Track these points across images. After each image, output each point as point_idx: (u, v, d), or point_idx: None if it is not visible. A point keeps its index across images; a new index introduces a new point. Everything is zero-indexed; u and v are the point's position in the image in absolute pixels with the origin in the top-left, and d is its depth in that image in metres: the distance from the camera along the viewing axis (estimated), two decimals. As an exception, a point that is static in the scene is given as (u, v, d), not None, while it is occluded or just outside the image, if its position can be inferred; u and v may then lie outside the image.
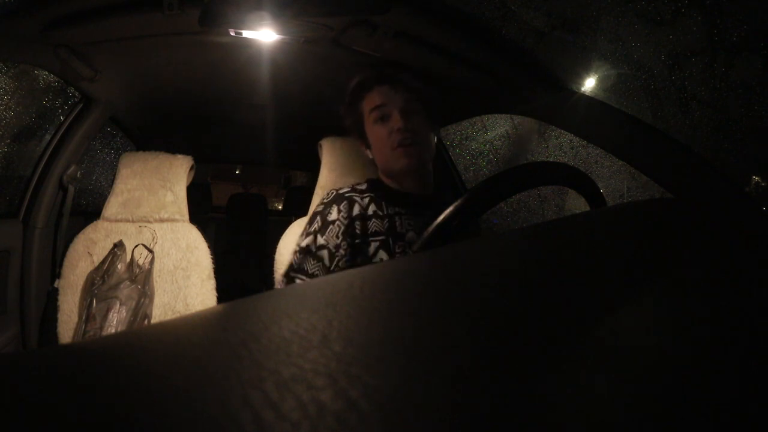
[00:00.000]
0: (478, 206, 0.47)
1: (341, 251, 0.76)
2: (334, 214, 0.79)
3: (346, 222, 0.78)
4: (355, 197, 0.82)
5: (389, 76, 0.82)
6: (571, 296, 0.19)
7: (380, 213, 0.81)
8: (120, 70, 1.07)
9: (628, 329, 0.16)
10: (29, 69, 1.18)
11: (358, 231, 0.78)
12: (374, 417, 0.11)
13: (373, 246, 0.77)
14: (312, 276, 0.76)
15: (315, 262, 0.76)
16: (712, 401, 0.12)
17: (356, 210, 0.80)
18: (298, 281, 0.76)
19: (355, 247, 0.77)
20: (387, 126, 0.80)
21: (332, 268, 0.76)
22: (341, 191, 0.83)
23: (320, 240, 0.77)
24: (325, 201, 0.83)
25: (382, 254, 0.76)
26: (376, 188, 0.85)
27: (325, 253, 0.76)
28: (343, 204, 0.80)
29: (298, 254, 0.79)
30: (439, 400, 0.11)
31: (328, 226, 0.78)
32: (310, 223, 0.81)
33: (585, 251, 0.26)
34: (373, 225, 0.79)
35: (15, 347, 1.08)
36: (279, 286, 0.80)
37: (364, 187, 0.86)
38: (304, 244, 0.79)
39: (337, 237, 0.77)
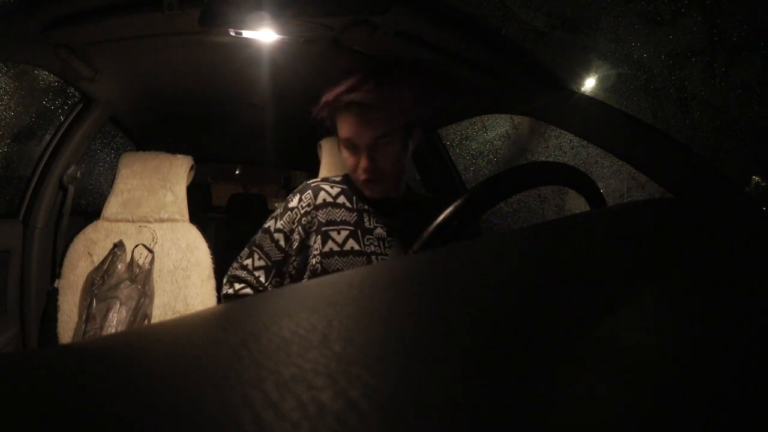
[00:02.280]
0: (478, 206, 0.47)
1: (294, 236, 0.81)
2: (294, 202, 0.83)
3: (303, 210, 0.81)
4: (323, 186, 0.85)
5: (358, 108, 0.76)
6: (571, 296, 0.19)
7: (349, 206, 0.83)
8: (120, 70, 1.07)
9: (628, 329, 0.16)
10: (29, 69, 1.18)
11: (321, 219, 0.80)
12: (374, 417, 0.11)
13: (342, 234, 0.79)
14: (266, 253, 0.81)
15: (270, 242, 0.81)
16: (712, 401, 0.12)
17: (321, 198, 0.82)
18: (255, 255, 0.82)
19: (318, 233, 0.79)
20: (354, 157, 0.79)
21: (286, 249, 0.81)
22: (310, 182, 0.86)
23: (279, 223, 0.82)
24: (295, 190, 0.86)
25: (352, 243, 0.79)
26: (349, 183, 0.87)
27: (281, 236, 0.81)
28: (306, 193, 0.83)
29: (260, 232, 0.84)
30: (439, 400, 0.11)
31: (287, 212, 0.83)
32: (280, 207, 0.86)
33: (585, 251, 0.26)
34: (342, 214, 0.82)
35: (15, 347, 1.08)
36: (242, 256, 0.83)
37: (339, 179, 0.88)
38: (266, 225, 0.84)
39: (293, 223, 0.81)
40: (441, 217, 0.47)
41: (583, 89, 0.93)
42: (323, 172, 1.14)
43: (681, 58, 0.94)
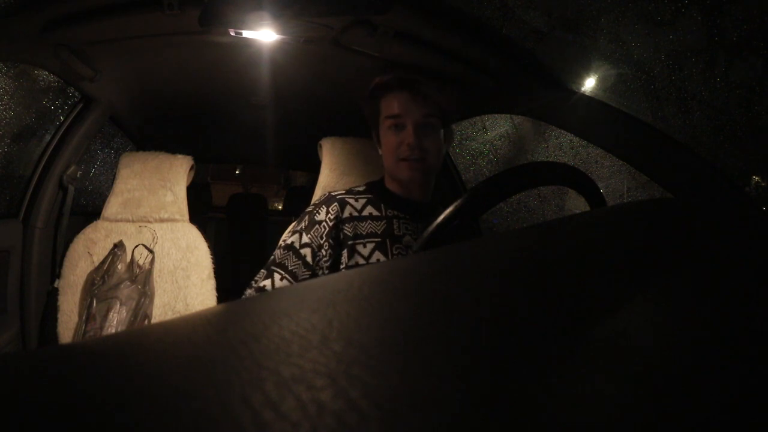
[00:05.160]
0: (478, 206, 0.47)
1: (323, 251, 0.77)
2: (321, 215, 0.80)
3: (332, 223, 0.79)
4: (348, 199, 0.82)
5: (411, 83, 0.80)
6: (571, 296, 0.19)
7: (376, 215, 0.81)
8: (120, 70, 1.07)
9: (628, 329, 0.16)
10: (29, 69, 1.18)
11: (348, 233, 0.79)
12: (374, 417, 0.11)
13: (368, 247, 0.78)
14: (291, 272, 0.76)
15: (296, 259, 0.76)
16: (712, 401, 0.12)
17: (347, 212, 0.80)
18: (276, 276, 0.76)
19: (343, 247, 0.78)
20: (399, 136, 0.81)
21: (314, 265, 0.76)
22: (334, 193, 0.84)
23: (305, 238, 0.78)
24: (316, 202, 0.84)
25: (378, 255, 0.77)
26: (375, 191, 0.86)
27: (308, 251, 0.77)
28: (332, 206, 0.81)
29: (281, 249, 0.79)
30: (439, 400, 0.11)
31: (314, 226, 0.79)
32: (299, 222, 0.82)
33: (585, 251, 0.26)
34: (368, 226, 0.80)
35: (15, 347, 1.08)
36: (258, 279, 0.78)
37: (362, 189, 0.87)
38: (289, 241, 0.79)
39: (321, 237, 0.77)
40: (441, 217, 0.47)
41: (583, 89, 0.93)
42: (324, 172, 1.14)
43: (681, 58, 0.94)
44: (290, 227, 0.85)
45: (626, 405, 0.12)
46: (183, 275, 1.18)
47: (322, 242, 0.77)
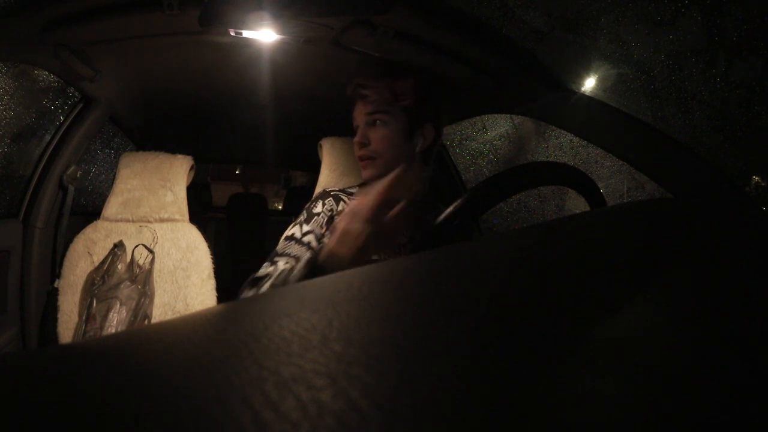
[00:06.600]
0: (478, 206, 0.47)
1: (325, 240, 0.80)
2: (319, 208, 0.84)
3: (328, 215, 0.83)
4: (341, 196, 0.87)
5: (355, 90, 0.85)
6: (571, 296, 0.19)
7: None
8: (120, 70, 1.07)
9: (628, 329, 0.16)
10: (29, 69, 1.18)
11: None
12: (374, 417, 0.11)
13: None
14: (295, 258, 0.78)
15: (300, 246, 0.79)
16: (712, 401, 0.12)
17: (341, 206, 0.84)
18: (280, 262, 0.78)
19: None
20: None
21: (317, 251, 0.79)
22: (329, 190, 0.88)
23: (306, 227, 0.81)
24: (313, 198, 0.88)
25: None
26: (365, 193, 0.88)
27: (311, 237, 0.80)
28: (328, 200, 0.85)
29: (283, 241, 0.82)
30: (439, 400, 0.11)
31: (313, 217, 0.83)
32: (298, 216, 0.86)
33: (585, 251, 0.26)
34: None
35: (15, 347, 1.08)
36: (262, 269, 0.80)
37: (354, 190, 0.90)
38: (290, 233, 0.82)
39: (321, 227, 0.81)
40: (441, 217, 0.47)
41: (583, 89, 0.93)
42: (324, 172, 1.14)
43: (681, 58, 0.94)
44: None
45: (626, 405, 0.12)
46: (183, 275, 1.18)
47: (323, 231, 0.81)
